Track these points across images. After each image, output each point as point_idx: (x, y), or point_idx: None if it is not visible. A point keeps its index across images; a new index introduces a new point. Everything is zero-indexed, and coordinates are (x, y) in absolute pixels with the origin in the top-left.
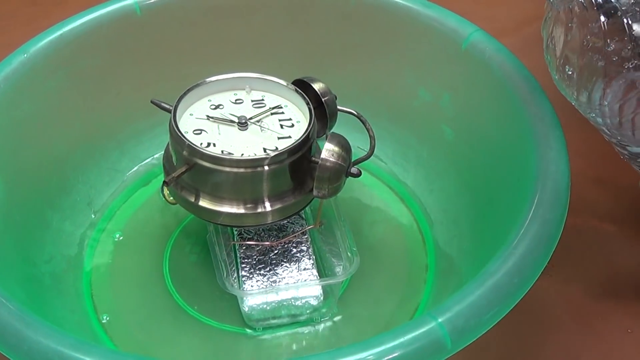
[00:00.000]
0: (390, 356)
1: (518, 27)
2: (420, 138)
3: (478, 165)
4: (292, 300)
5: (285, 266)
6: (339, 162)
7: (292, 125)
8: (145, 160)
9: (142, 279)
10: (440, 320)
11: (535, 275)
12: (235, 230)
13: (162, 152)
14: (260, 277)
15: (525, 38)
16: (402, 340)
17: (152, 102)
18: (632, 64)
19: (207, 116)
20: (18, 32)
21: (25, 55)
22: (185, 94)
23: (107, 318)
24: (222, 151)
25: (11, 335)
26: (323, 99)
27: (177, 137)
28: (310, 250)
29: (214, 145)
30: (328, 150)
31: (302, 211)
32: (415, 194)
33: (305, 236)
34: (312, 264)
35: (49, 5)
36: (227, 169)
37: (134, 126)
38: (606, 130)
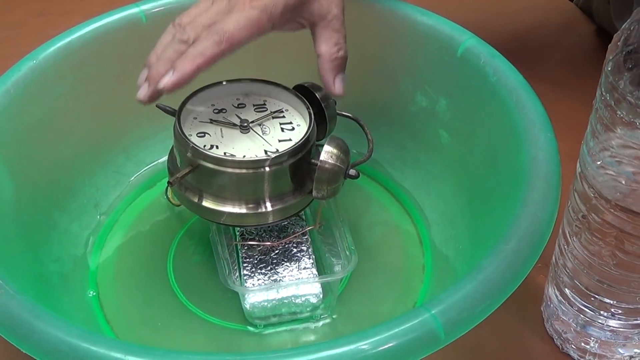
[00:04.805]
0: (385, 346)
1: (515, 37)
2: (417, 142)
3: (473, 167)
4: (293, 298)
5: (286, 265)
6: (338, 164)
7: (293, 129)
8: (150, 164)
9: (146, 279)
10: (433, 312)
11: (525, 271)
12: (237, 231)
13: (166, 156)
14: (261, 276)
15: (522, 47)
16: (396, 331)
17: (157, 106)
18: None
19: (210, 119)
20: (26, 42)
21: (35, 61)
22: (189, 98)
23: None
24: (225, 153)
25: (21, 327)
26: (323, 104)
27: (181, 140)
28: (310, 250)
29: (217, 147)
30: (327, 153)
31: (302, 212)
32: (412, 196)
33: (305, 236)
34: (312, 263)
35: (56, 15)
36: (230, 170)
37: (139, 131)
38: None
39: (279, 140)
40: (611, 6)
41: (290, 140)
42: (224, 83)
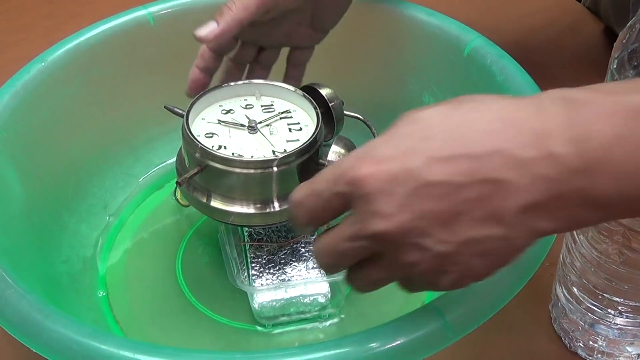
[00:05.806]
0: (393, 344)
1: (522, 37)
2: None
3: None
4: (301, 298)
5: (294, 265)
6: None
7: (300, 129)
8: (158, 165)
9: (155, 279)
10: (441, 309)
11: (531, 271)
12: (246, 231)
13: (174, 157)
14: (269, 276)
15: (529, 47)
16: (404, 328)
17: (165, 107)
18: None
19: (219, 120)
20: (35, 45)
21: (44, 63)
22: (197, 99)
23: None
24: (233, 153)
25: (31, 326)
26: (330, 104)
27: (189, 140)
28: None
29: (225, 147)
30: (334, 152)
31: None
32: None
33: (314, 236)
34: None
35: (64, 18)
36: (238, 170)
37: (147, 133)
38: None
39: (287, 141)
40: (611, 15)
41: (297, 140)
42: (232, 84)
